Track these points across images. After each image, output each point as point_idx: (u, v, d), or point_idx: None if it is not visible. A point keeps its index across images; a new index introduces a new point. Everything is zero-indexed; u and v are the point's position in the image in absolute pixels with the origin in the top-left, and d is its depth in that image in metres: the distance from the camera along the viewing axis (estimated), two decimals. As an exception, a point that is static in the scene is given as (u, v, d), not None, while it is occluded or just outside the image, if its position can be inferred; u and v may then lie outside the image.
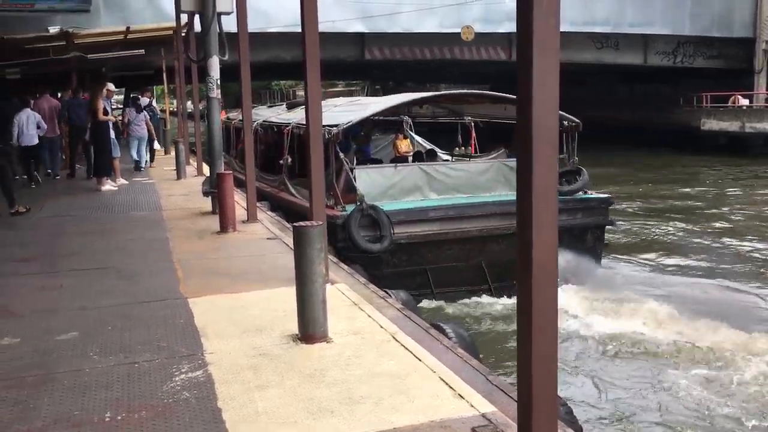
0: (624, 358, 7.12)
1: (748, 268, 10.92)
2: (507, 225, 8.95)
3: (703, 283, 9.93)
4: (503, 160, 10.66)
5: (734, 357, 6.88)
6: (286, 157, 11.21)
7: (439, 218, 9.19)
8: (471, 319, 8.48)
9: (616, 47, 28.48)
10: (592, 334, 7.66)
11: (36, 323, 4.97)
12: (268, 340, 4.51)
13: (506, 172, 10.13)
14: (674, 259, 11.57)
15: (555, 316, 2.69)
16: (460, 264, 9.19)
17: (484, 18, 24.88)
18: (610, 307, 8.35)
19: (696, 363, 6.90)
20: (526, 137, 2.55)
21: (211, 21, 8.81)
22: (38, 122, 13.05)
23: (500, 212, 9.17)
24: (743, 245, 12.48)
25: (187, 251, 7.28)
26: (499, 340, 7.74)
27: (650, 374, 6.70)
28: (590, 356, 7.24)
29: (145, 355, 4.28)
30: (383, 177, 9.62)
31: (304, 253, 4.37)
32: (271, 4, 22.20)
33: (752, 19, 28.84)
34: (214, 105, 9.26)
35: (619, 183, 19.75)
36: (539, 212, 2.58)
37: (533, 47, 2.48)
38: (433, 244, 9.11)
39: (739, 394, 6.22)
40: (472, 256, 9.25)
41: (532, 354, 2.64)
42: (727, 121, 27.61)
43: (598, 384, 6.55)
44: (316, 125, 5.74)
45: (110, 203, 10.86)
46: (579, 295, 8.77)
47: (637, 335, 7.54)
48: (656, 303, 8.40)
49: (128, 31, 16.34)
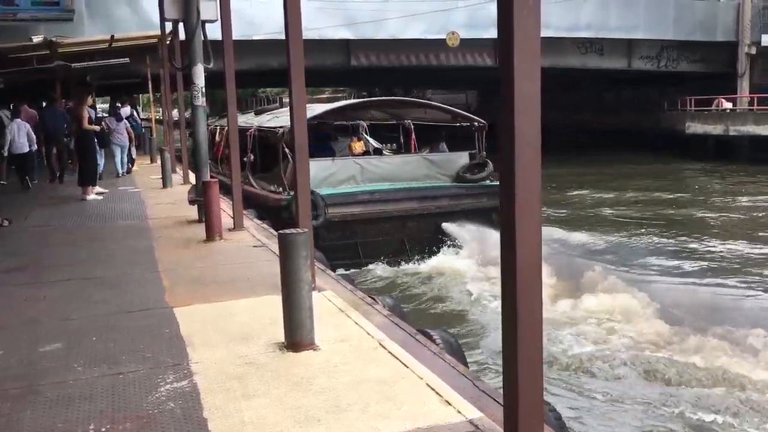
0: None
1: (698, 255, 11.86)
2: (423, 207, 11.42)
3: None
4: (424, 155, 12.89)
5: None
6: (249, 155, 13.03)
7: (367, 201, 11.17)
8: (395, 281, 10.44)
9: (601, 52, 28.69)
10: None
11: (19, 334, 4.92)
12: (255, 348, 4.48)
13: (426, 164, 12.35)
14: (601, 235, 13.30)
15: (540, 320, 2.69)
16: (384, 238, 11.18)
17: (469, 24, 24.99)
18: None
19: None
20: (509, 143, 2.56)
21: (195, 29, 8.78)
22: (28, 132, 13.57)
23: (418, 197, 11.49)
24: (694, 234, 13.76)
25: (173, 260, 7.23)
26: (419, 297, 9.66)
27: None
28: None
29: (129, 365, 4.24)
30: (323, 169, 11.33)
31: (290, 260, 4.35)
32: (257, 12, 22.22)
33: (735, 23, 29.13)
34: (200, 113, 9.23)
35: (589, 183, 20.76)
36: (523, 217, 2.58)
37: (514, 54, 2.49)
38: (361, 222, 11.03)
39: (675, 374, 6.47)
40: (394, 232, 11.30)
41: (517, 359, 2.64)
42: (711, 124, 27.84)
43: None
44: (301, 132, 5.72)
45: (96, 212, 10.78)
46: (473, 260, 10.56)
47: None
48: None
49: (113, 39, 16.27)
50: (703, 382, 6.46)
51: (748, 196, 18.79)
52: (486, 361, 7.06)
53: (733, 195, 19.12)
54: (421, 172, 12.19)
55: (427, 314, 8.79)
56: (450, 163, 12.44)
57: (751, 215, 16.10)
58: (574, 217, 16.29)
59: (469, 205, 11.58)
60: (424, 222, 11.35)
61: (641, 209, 17.13)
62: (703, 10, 29.34)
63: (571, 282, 9.36)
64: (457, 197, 11.76)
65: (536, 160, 2.60)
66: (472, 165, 12.27)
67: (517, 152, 2.55)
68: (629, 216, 16.21)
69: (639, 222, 15.39)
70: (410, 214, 11.35)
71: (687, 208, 17.11)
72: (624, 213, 16.63)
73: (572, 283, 9.33)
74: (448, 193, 11.82)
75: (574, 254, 11.15)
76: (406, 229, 11.36)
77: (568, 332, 7.80)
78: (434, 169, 12.28)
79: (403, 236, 11.32)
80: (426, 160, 12.46)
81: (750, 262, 11.47)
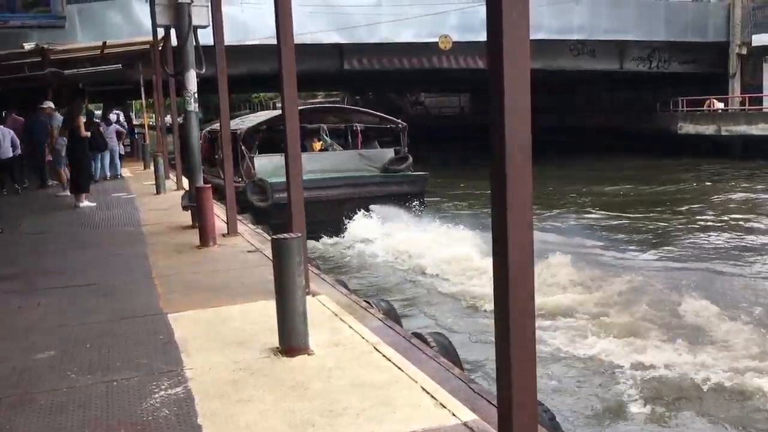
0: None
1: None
2: (355, 192, 14.19)
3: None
4: (358, 151, 15.51)
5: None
6: (219, 154, 14.63)
7: (309, 187, 13.50)
8: (333, 249, 13.16)
9: (593, 54, 28.78)
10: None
11: (13, 342, 4.90)
12: (249, 353, 4.48)
13: (359, 159, 15.09)
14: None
15: (532, 321, 2.70)
16: (324, 218, 12.81)
17: (462, 27, 25.01)
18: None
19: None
20: (500, 146, 2.56)
21: (188, 34, 8.77)
22: (12, 138, 14.19)
23: (351, 184, 14.21)
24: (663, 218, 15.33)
25: (167, 266, 7.22)
26: (346, 259, 12.49)
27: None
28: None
29: (124, 372, 4.23)
30: (273, 162, 13.30)
31: (284, 264, 4.35)
32: (249, 17, 22.23)
33: (725, 24, 29.27)
34: (192, 118, 9.22)
35: (582, 181, 21.09)
36: (514, 221, 2.59)
37: (503, 56, 2.50)
38: (304, 204, 12.52)
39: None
40: (332, 213, 13.39)
41: (510, 360, 2.65)
42: (703, 124, 27.97)
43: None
44: (293, 138, 5.73)
45: (89, 219, 10.76)
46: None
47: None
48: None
49: (105, 46, 16.23)
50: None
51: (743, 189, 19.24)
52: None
53: (725, 190, 19.39)
54: (354, 165, 14.93)
55: (350, 269, 11.71)
56: (378, 158, 15.22)
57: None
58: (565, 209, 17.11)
59: (392, 191, 14.50)
60: (356, 204, 13.98)
61: (634, 203, 17.76)
62: (694, 11, 29.48)
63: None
64: (383, 185, 14.65)
65: (527, 163, 2.60)
66: (395, 159, 15.08)
67: (508, 155, 2.56)
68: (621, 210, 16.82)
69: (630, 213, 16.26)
70: (345, 198, 13.95)
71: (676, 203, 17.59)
72: (615, 206, 17.26)
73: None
74: (375, 181, 14.67)
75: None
76: (342, 210, 13.80)
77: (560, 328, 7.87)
78: (366, 162, 15.04)
79: (339, 216, 13.67)
80: (359, 155, 15.26)
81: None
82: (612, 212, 16.40)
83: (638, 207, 17.18)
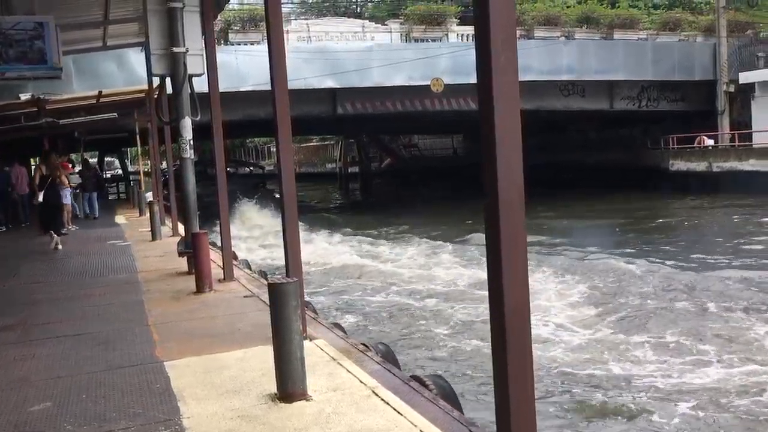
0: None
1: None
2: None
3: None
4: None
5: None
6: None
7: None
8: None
9: (583, 94, 29.17)
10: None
11: (9, 395, 4.84)
12: (247, 400, 4.43)
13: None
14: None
15: (530, 356, 2.69)
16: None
17: (453, 70, 25.39)
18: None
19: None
20: (492, 185, 2.59)
21: (183, 83, 8.89)
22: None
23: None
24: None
25: (163, 313, 7.17)
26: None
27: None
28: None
29: (120, 422, 4.17)
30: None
31: (280, 310, 4.33)
32: (243, 64, 22.61)
33: (712, 63, 29.78)
34: (188, 165, 9.27)
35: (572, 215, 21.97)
36: (509, 255, 2.60)
37: (494, 101, 2.55)
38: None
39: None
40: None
41: (509, 399, 2.63)
42: (694, 161, 28.23)
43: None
44: (289, 180, 5.77)
45: (85, 267, 10.73)
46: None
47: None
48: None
49: (100, 95, 16.40)
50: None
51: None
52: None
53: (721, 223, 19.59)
54: None
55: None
56: None
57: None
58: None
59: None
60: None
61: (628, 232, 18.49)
62: (681, 51, 29.98)
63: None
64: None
65: (520, 201, 2.63)
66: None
67: (501, 192, 2.58)
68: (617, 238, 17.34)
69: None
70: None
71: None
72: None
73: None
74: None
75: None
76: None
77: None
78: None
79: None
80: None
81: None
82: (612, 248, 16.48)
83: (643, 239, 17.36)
